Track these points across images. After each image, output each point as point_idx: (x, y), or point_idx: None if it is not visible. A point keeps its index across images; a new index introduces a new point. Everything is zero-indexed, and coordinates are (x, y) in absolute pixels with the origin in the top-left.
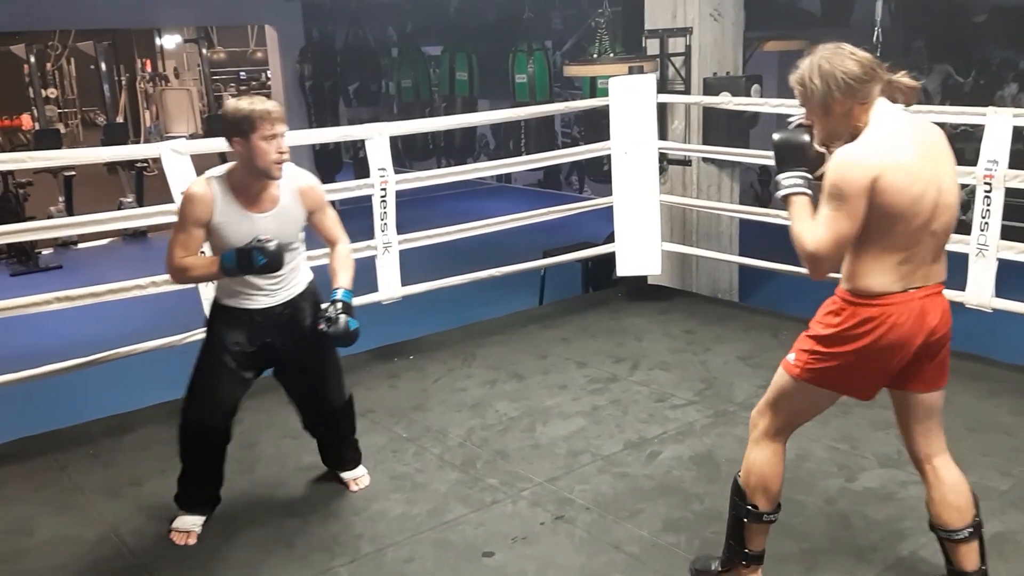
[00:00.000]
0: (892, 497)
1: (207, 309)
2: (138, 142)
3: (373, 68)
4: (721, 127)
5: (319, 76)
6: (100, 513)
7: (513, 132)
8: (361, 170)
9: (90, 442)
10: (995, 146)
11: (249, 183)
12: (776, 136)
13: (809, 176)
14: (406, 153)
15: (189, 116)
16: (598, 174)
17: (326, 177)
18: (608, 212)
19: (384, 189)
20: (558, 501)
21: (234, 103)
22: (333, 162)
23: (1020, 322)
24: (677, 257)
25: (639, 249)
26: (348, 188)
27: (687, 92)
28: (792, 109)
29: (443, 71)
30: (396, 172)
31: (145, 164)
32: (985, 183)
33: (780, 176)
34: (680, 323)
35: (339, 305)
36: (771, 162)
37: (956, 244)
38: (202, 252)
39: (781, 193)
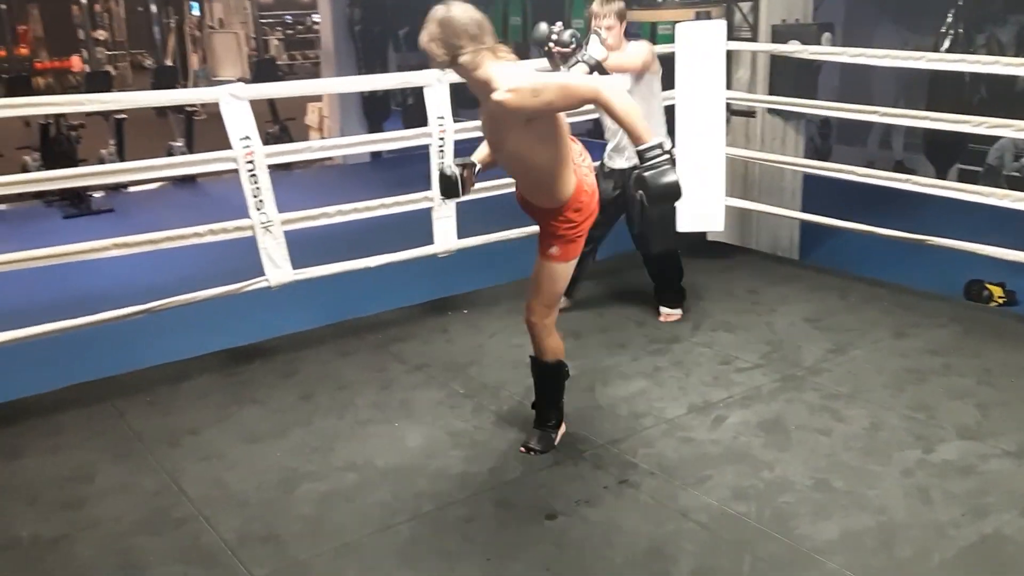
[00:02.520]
0: (972, 470)
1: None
2: (187, 86)
3: (424, 12)
4: (789, 77)
5: (369, 21)
6: (159, 461)
7: None
8: (410, 118)
9: (148, 389)
10: None
11: None
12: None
13: None
14: (457, 102)
15: (237, 60)
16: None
17: (374, 125)
18: None
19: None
20: (621, 464)
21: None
22: (381, 109)
23: None
24: (737, 213)
25: (702, 204)
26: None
27: (754, 39)
28: (866, 59)
29: (496, 15)
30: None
31: (195, 108)
32: None
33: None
34: (743, 282)
35: None
36: (836, 113)
37: None
38: None
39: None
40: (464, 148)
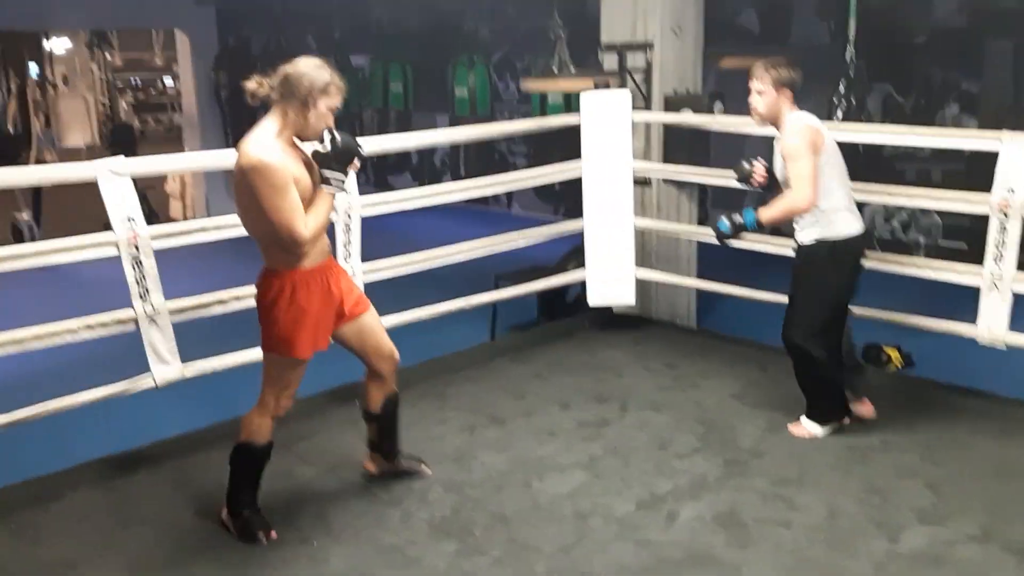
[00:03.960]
0: (944, 560)
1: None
2: (30, 153)
3: None
4: (683, 146)
5: (236, 84)
6: None
7: (448, 150)
8: None
9: (8, 514)
10: (1013, 173)
11: None
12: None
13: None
14: None
15: (85, 125)
16: (543, 192)
17: None
18: None
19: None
20: None
21: None
22: None
23: None
24: (638, 283)
25: (612, 277)
26: None
27: (647, 108)
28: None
29: (375, 81)
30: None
31: None
32: (1001, 212)
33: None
34: (658, 356)
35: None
36: (726, 182)
37: (966, 276)
38: None
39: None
40: None
